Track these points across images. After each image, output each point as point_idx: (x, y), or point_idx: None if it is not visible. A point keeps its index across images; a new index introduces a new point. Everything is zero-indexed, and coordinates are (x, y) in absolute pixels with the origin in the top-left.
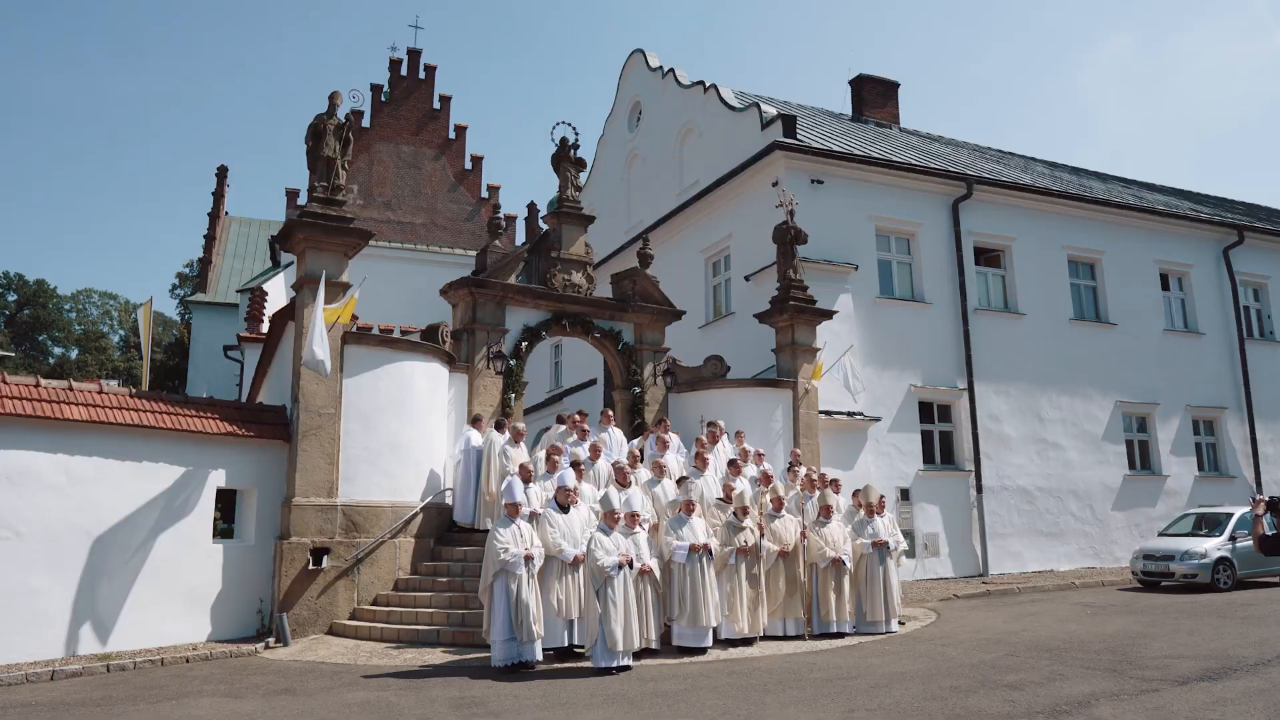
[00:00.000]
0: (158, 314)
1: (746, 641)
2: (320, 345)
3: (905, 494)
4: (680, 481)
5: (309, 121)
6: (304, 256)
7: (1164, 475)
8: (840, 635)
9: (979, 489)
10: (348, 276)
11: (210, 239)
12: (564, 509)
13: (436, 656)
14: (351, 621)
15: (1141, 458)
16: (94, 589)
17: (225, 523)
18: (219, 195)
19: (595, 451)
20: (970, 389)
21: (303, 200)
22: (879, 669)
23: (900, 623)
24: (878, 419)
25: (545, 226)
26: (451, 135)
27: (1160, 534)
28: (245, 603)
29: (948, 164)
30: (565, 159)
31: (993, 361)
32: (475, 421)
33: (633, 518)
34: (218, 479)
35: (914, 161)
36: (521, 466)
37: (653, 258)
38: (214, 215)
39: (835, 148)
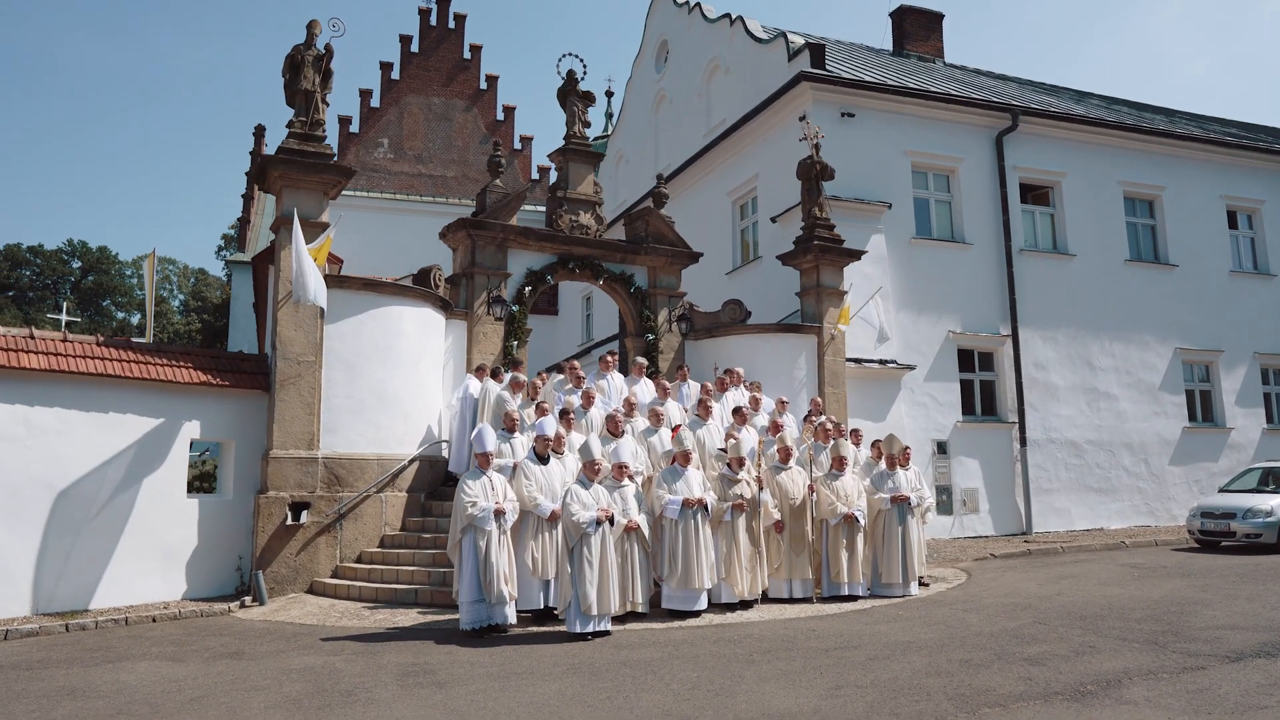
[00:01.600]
0: (215, 278)
1: (746, 605)
2: (309, 277)
3: (942, 447)
4: (674, 430)
5: (341, 77)
6: (281, 196)
7: (1228, 428)
8: (852, 598)
9: (1023, 442)
10: (327, 216)
11: (248, 198)
12: (543, 459)
13: (410, 618)
14: (332, 580)
15: (1203, 409)
16: (59, 545)
17: None
18: (256, 155)
19: (588, 399)
20: (1014, 335)
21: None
22: (884, 638)
23: (924, 584)
24: (912, 367)
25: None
26: (483, 86)
27: (1221, 490)
28: (223, 559)
29: (992, 96)
30: (572, 93)
31: (1039, 306)
32: (479, 371)
33: (620, 469)
34: (191, 430)
35: (954, 92)
36: (506, 415)
37: (667, 197)
38: (252, 175)
39: (867, 78)
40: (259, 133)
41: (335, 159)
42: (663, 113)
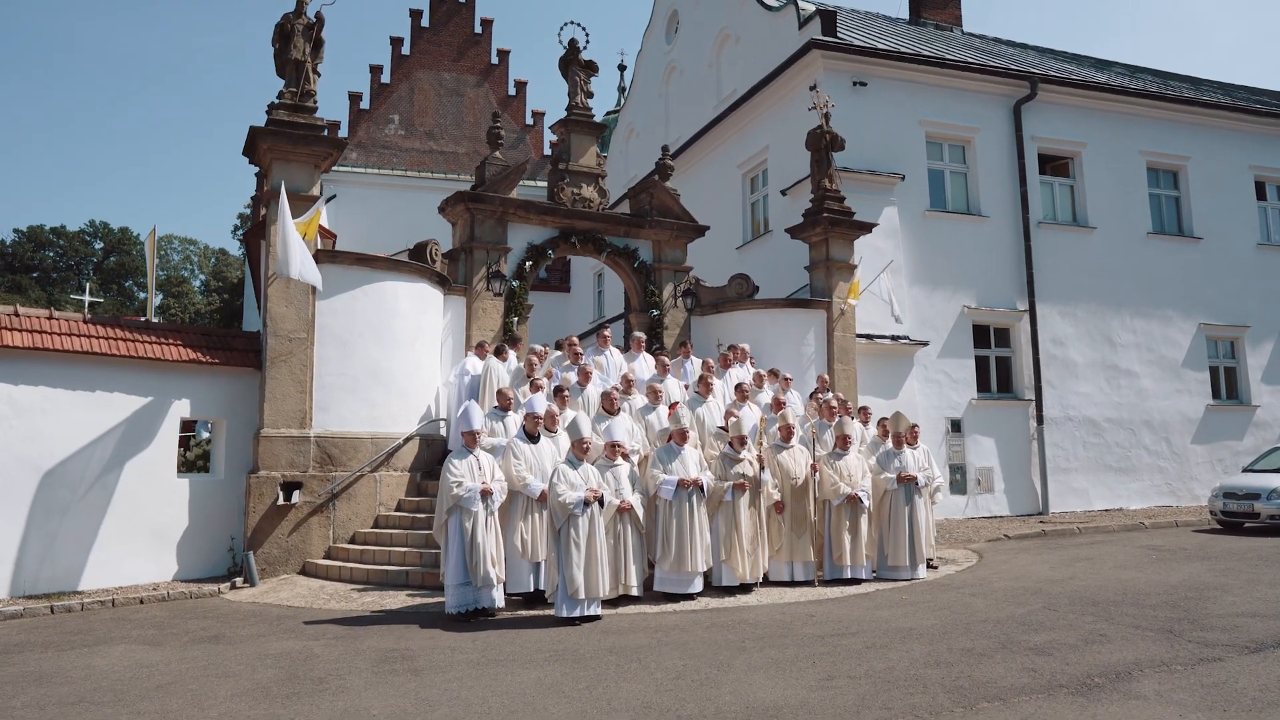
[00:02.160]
0: (235, 258)
1: (745, 588)
2: (292, 252)
3: (956, 425)
4: (671, 407)
5: (351, 52)
6: (271, 169)
7: (1253, 405)
8: (856, 581)
9: (1039, 420)
10: (318, 190)
11: (262, 176)
12: (533, 438)
13: (399, 600)
14: (324, 561)
15: (1228, 386)
16: (45, 526)
17: None
18: None
19: (585, 376)
20: (1031, 310)
21: (343, 130)
22: (885, 624)
23: (933, 566)
24: (925, 343)
25: (604, 150)
26: (494, 60)
27: (1245, 469)
28: (215, 540)
29: (1010, 64)
30: (574, 63)
31: (1057, 280)
32: (480, 348)
33: (613, 448)
34: (181, 409)
35: (970, 60)
36: (499, 393)
37: (672, 169)
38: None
39: (880, 45)
40: (271, 111)
41: (326, 130)
42: (673, 85)
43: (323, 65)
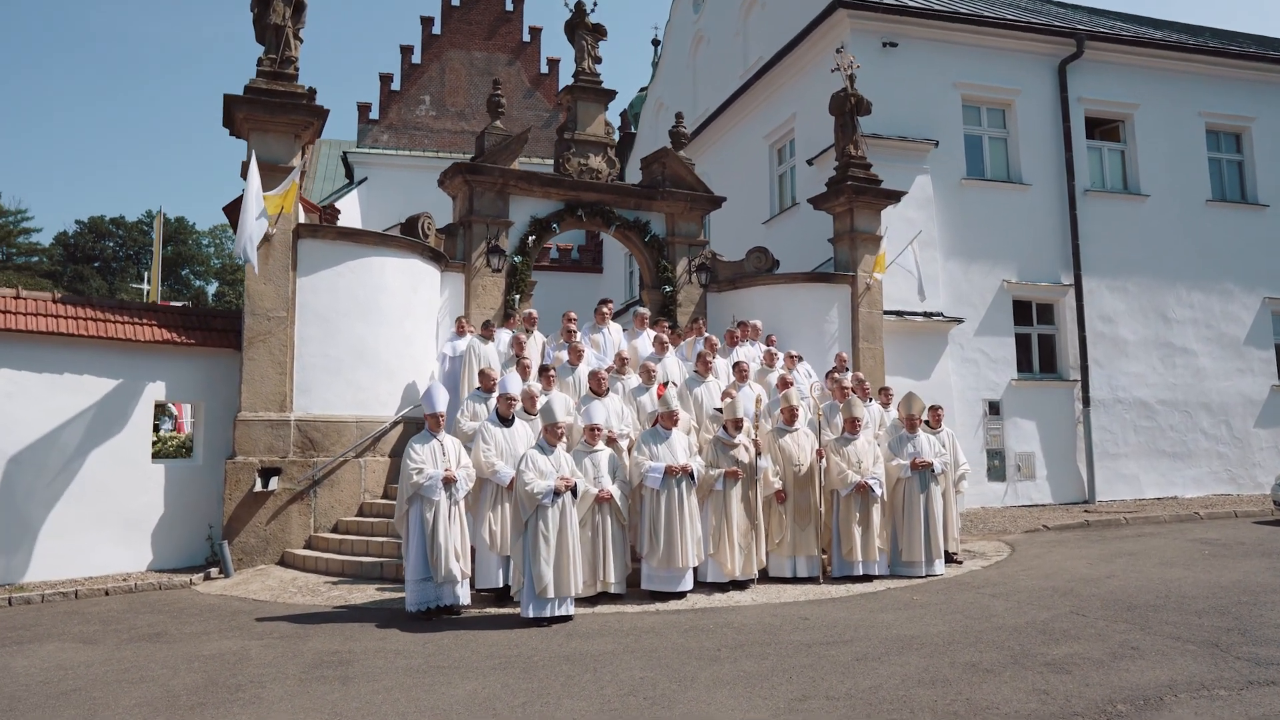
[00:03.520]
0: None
1: (740, 585)
2: (243, 229)
3: (995, 407)
4: (660, 388)
5: (381, 33)
6: (250, 140)
7: None
8: (867, 579)
9: (1086, 402)
10: (298, 161)
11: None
12: (506, 421)
13: (367, 594)
14: (303, 551)
15: None
16: (12, 513)
17: None
18: None
19: (576, 355)
20: (1077, 285)
21: (374, 113)
22: (885, 630)
23: (957, 561)
24: (961, 320)
25: (636, 127)
26: (525, 38)
27: None
28: (192, 528)
29: (1055, 21)
30: (580, 26)
31: (1106, 252)
32: (459, 325)
33: (592, 432)
34: (156, 392)
35: (1009, 17)
36: (481, 374)
37: (687, 137)
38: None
39: (910, 3)
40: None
41: (308, 99)
42: (700, 55)
43: (359, 56)
